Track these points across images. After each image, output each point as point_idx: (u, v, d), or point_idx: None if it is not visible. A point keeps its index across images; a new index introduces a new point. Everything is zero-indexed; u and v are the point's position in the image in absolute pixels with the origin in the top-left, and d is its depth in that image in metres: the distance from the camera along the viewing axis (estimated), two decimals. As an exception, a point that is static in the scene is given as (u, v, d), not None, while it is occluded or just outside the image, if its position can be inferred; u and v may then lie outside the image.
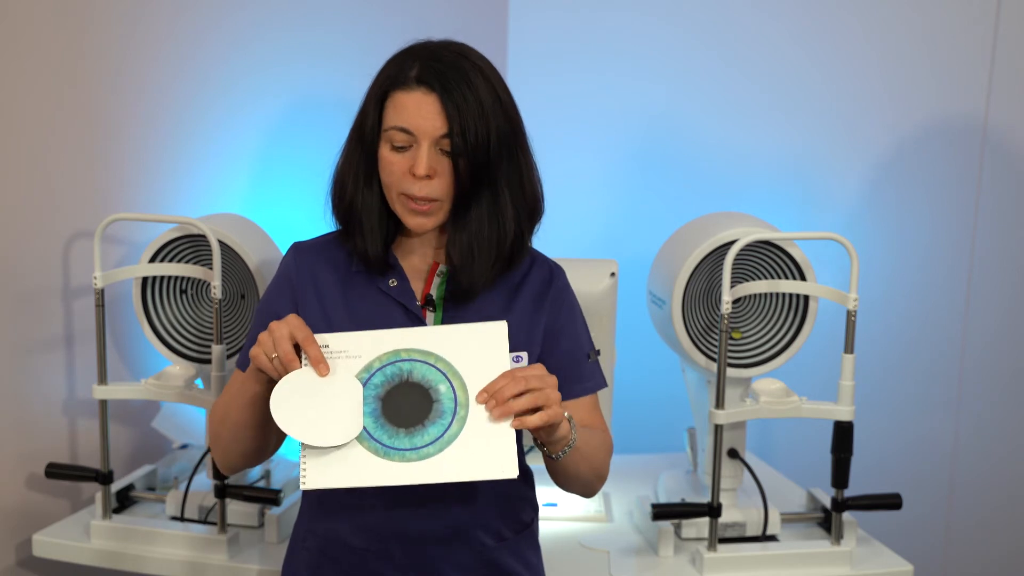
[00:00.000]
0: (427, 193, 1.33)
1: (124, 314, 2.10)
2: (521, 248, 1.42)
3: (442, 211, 1.36)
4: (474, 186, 1.35)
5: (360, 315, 1.41)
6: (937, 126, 2.60)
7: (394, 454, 1.22)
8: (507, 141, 1.36)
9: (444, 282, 1.42)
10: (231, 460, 1.42)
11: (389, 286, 1.41)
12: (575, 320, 1.48)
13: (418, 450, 1.23)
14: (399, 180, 1.34)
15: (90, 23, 2.02)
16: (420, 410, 1.25)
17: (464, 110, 1.31)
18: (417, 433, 1.24)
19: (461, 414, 1.24)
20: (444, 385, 1.26)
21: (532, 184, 1.41)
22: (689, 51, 2.62)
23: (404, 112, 1.32)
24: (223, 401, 1.40)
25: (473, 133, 1.31)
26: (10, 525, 1.95)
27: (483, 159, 1.33)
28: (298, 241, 1.48)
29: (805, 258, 1.85)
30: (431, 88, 1.31)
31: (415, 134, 1.32)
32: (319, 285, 1.42)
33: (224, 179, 2.30)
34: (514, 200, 1.39)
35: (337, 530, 1.42)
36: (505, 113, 1.36)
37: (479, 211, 1.37)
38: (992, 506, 2.73)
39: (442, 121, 1.31)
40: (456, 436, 1.23)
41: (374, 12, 2.49)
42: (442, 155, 1.33)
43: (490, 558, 1.42)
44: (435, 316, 1.41)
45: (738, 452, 1.95)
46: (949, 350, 2.69)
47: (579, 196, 2.62)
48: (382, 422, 1.24)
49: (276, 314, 1.42)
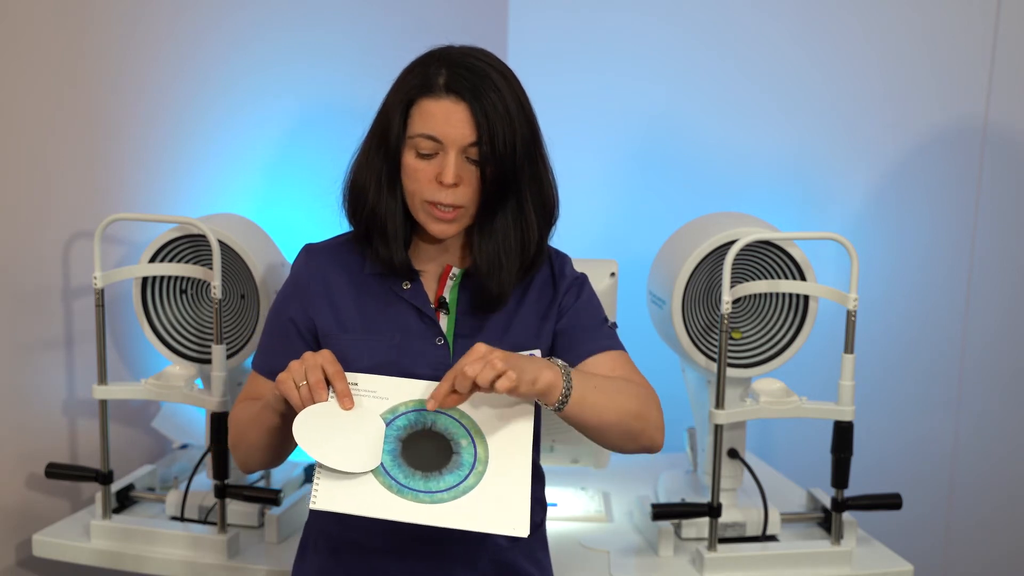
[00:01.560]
0: (454, 200, 1.33)
1: (124, 314, 2.10)
2: (540, 252, 1.43)
3: (465, 217, 1.37)
4: (499, 193, 1.35)
5: (372, 318, 1.40)
6: (937, 126, 2.60)
7: (407, 493, 1.23)
8: (529, 147, 1.37)
9: (457, 285, 1.42)
10: (250, 467, 1.44)
11: (403, 289, 1.41)
12: (589, 296, 1.48)
13: (432, 494, 1.23)
14: (424, 187, 1.34)
15: (90, 23, 2.01)
16: (439, 458, 1.25)
17: (493, 118, 1.31)
18: (433, 479, 1.24)
19: (479, 469, 1.25)
20: (466, 440, 1.27)
21: (551, 188, 1.42)
22: (689, 51, 2.62)
23: (432, 120, 1.32)
24: (241, 421, 1.40)
25: (501, 141, 1.31)
26: (10, 525, 1.95)
27: (510, 166, 1.33)
28: (309, 243, 1.47)
29: (805, 258, 1.85)
30: (461, 97, 1.31)
31: (443, 142, 1.32)
32: (331, 288, 1.42)
33: (224, 179, 2.30)
34: (535, 206, 1.39)
35: (350, 532, 1.42)
36: (527, 119, 1.36)
37: (504, 219, 1.37)
38: (992, 506, 2.73)
39: (471, 130, 1.31)
40: (471, 488, 1.24)
41: (374, 12, 2.49)
42: (468, 163, 1.33)
43: (503, 559, 1.43)
44: (448, 319, 1.41)
45: (738, 452, 1.95)
46: (949, 350, 2.69)
47: (579, 196, 2.60)
48: (400, 462, 1.25)
49: (289, 318, 1.42)
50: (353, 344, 1.39)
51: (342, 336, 1.40)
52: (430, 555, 1.40)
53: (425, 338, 1.39)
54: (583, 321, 1.45)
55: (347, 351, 1.38)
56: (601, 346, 1.43)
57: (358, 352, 1.38)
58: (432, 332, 1.40)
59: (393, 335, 1.39)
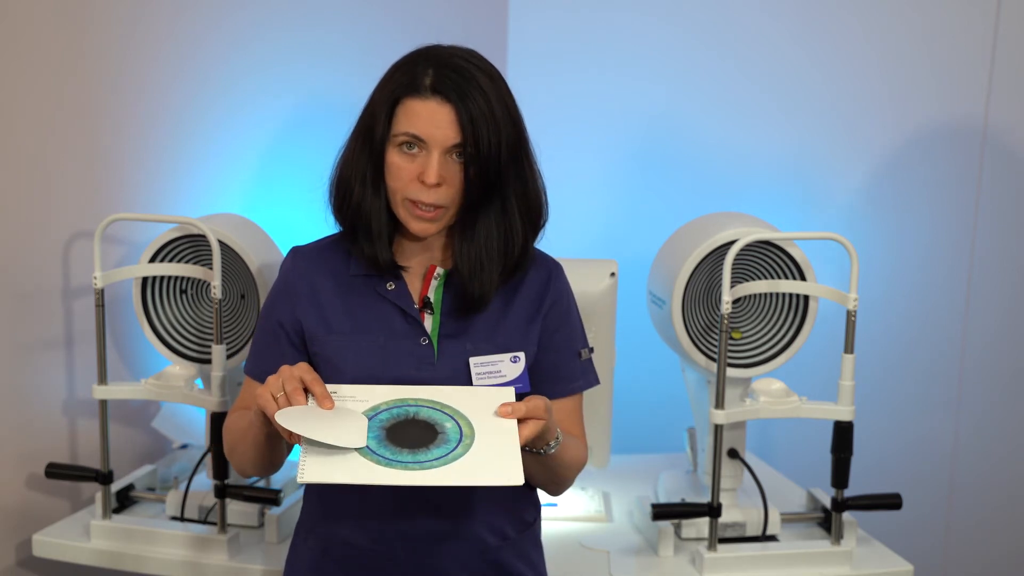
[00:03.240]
0: (435, 200, 1.33)
1: (124, 314, 2.10)
2: (525, 255, 1.42)
3: (447, 217, 1.37)
4: (482, 195, 1.35)
5: (359, 319, 1.41)
6: (937, 126, 2.60)
7: (396, 464, 1.22)
8: (514, 150, 1.36)
9: (441, 284, 1.42)
10: (246, 474, 1.46)
11: (387, 289, 1.42)
12: (571, 318, 1.48)
13: (421, 463, 1.22)
14: (406, 185, 1.34)
15: (90, 23, 2.01)
16: (425, 439, 1.25)
17: (478, 120, 1.31)
18: (421, 453, 1.23)
19: (467, 442, 1.25)
20: (450, 423, 1.27)
21: (537, 192, 1.42)
22: (689, 51, 2.62)
23: (417, 120, 1.32)
24: (233, 431, 1.41)
25: (485, 143, 1.31)
26: (10, 525, 1.95)
27: (494, 167, 1.33)
28: (297, 246, 1.48)
29: (805, 258, 1.85)
30: (446, 98, 1.31)
31: (427, 142, 1.32)
32: (317, 290, 1.43)
33: (224, 179, 2.30)
34: (521, 209, 1.39)
35: (341, 530, 1.42)
36: (513, 121, 1.36)
37: (487, 221, 1.37)
38: (992, 506, 2.73)
39: (455, 131, 1.31)
40: (460, 456, 1.23)
41: (374, 12, 2.49)
42: (451, 163, 1.33)
43: (494, 558, 1.43)
44: (433, 319, 1.41)
45: (738, 452, 1.95)
46: (949, 350, 2.69)
47: (579, 196, 2.61)
48: (386, 443, 1.24)
49: (278, 321, 1.43)
50: (339, 345, 1.39)
51: (328, 337, 1.40)
52: (421, 554, 1.40)
53: (410, 338, 1.39)
54: (562, 357, 1.47)
55: (333, 352, 1.39)
56: (574, 388, 1.48)
57: (344, 353, 1.39)
58: (417, 332, 1.40)
59: (378, 336, 1.39)
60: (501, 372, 1.39)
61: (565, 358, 1.47)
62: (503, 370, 1.40)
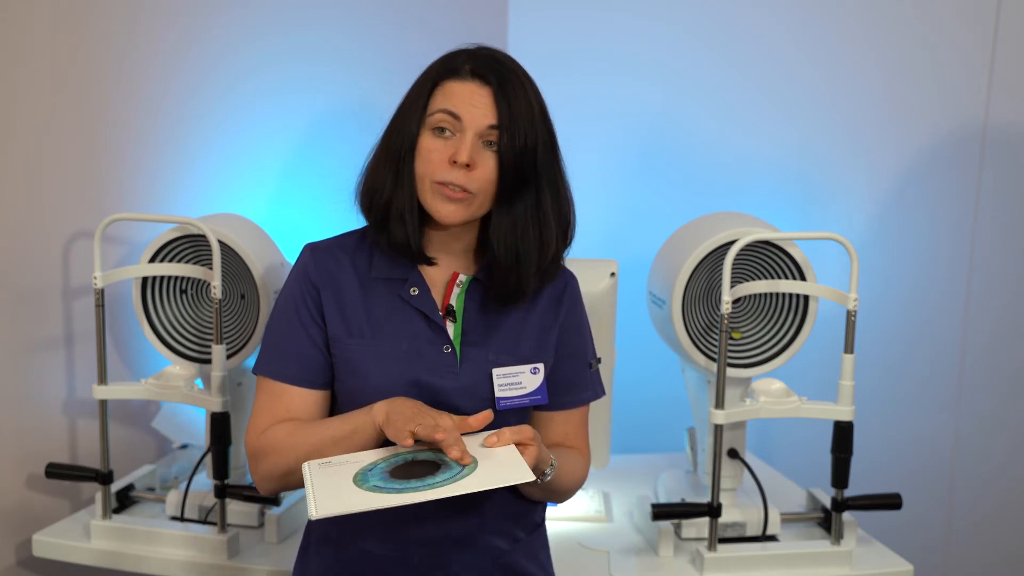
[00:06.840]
0: (465, 182, 1.32)
1: (124, 314, 2.10)
2: (557, 263, 1.42)
3: (473, 205, 1.34)
4: (515, 188, 1.34)
5: (380, 321, 1.39)
6: (937, 127, 2.60)
7: (405, 491, 1.21)
8: (548, 153, 1.37)
9: (463, 292, 1.41)
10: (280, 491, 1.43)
11: (410, 294, 1.40)
12: (582, 329, 1.49)
13: (430, 484, 1.22)
14: (436, 168, 1.32)
15: (89, 23, 2.02)
16: (429, 471, 1.25)
17: (515, 109, 1.32)
18: (428, 479, 1.23)
19: (470, 467, 1.25)
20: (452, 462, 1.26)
21: (568, 200, 1.42)
22: (689, 51, 2.62)
23: (454, 98, 1.32)
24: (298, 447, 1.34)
25: (521, 135, 1.32)
26: (10, 525, 1.95)
27: (530, 163, 1.33)
28: (313, 242, 1.45)
29: (805, 258, 1.85)
30: (486, 81, 1.32)
31: (462, 120, 1.31)
32: (339, 287, 1.40)
33: (224, 179, 2.30)
34: (554, 212, 1.39)
35: (353, 536, 1.41)
36: (547, 126, 1.37)
37: (524, 219, 1.36)
38: (992, 506, 2.73)
39: (492, 114, 1.31)
40: (468, 474, 1.23)
41: (374, 12, 2.49)
42: (485, 150, 1.33)
43: (506, 561, 1.43)
44: (455, 327, 1.40)
45: (738, 452, 1.95)
46: (949, 350, 2.69)
47: (579, 196, 2.59)
48: (391, 480, 1.24)
49: (299, 319, 1.39)
50: (361, 349, 1.37)
51: (349, 340, 1.38)
52: (436, 561, 1.39)
53: (433, 345, 1.38)
54: (574, 367, 1.47)
55: (355, 356, 1.37)
56: (583, 399, 1.49)
57: (366, 357, 1.37)
58: (440, 339, 1.39)
59: (400, 341, 1.38)
60: (522, 384, 1.39)
61: (577, 368, 1.47)
62: (523, 381, 1.40)
